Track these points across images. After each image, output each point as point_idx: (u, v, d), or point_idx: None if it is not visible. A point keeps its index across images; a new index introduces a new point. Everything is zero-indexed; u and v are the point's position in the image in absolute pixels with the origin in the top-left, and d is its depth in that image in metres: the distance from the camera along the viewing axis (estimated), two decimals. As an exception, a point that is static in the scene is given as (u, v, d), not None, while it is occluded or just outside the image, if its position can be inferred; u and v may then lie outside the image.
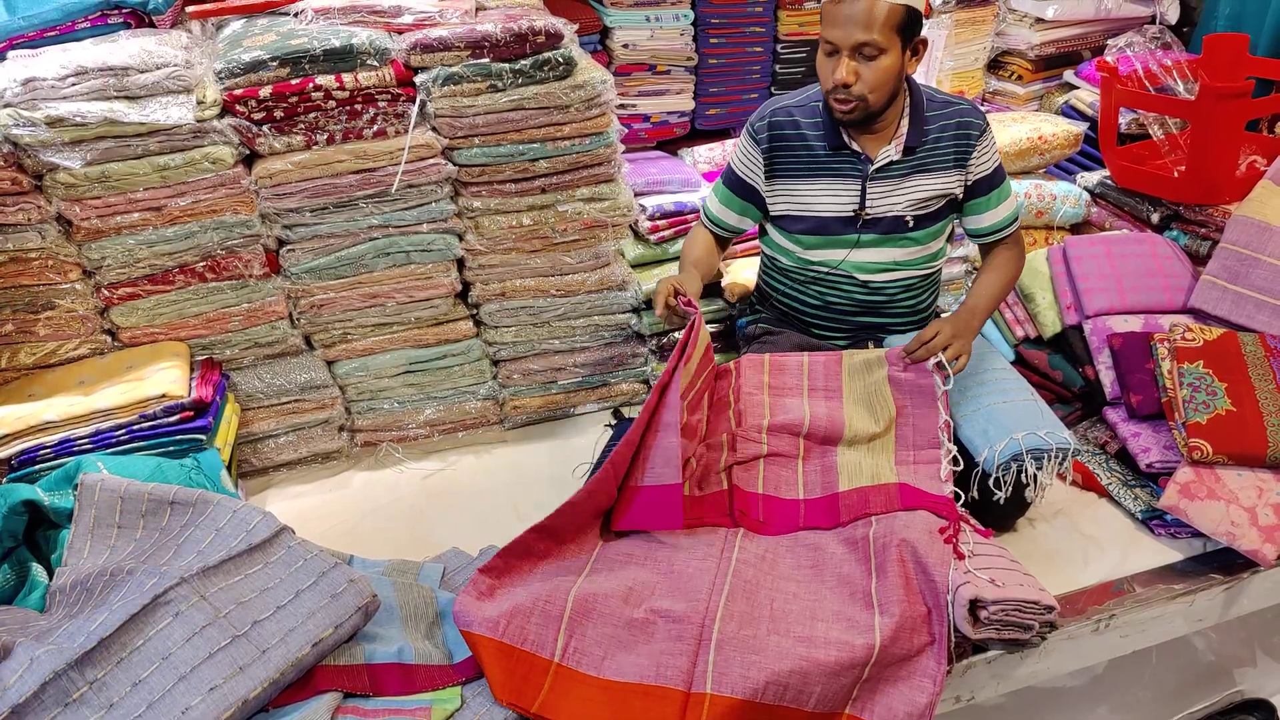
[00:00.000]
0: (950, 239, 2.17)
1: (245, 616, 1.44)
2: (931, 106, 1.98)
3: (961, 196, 2.04)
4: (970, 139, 1.99)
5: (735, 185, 2.10)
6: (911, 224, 2.01)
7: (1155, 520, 1.96)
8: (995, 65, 3.42)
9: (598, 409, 2.48)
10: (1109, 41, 3.21)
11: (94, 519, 1.62)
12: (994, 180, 2.04)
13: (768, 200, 2.07)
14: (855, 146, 1.97)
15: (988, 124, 2.02)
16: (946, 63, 3.22)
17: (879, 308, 2.10)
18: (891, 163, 1.97)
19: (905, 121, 1.96)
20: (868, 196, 1.99)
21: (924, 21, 1.87)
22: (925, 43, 1.90)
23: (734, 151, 2.10)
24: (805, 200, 2.03)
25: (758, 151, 2.03)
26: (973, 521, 1.72)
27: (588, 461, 2.17)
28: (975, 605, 1.53)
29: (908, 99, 1.96)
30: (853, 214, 2.00)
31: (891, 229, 2.01)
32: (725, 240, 2.22)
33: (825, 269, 2.07)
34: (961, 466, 1.79)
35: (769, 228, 2.15)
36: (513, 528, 2.01)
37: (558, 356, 2.41)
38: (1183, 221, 2.56)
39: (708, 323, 2.46)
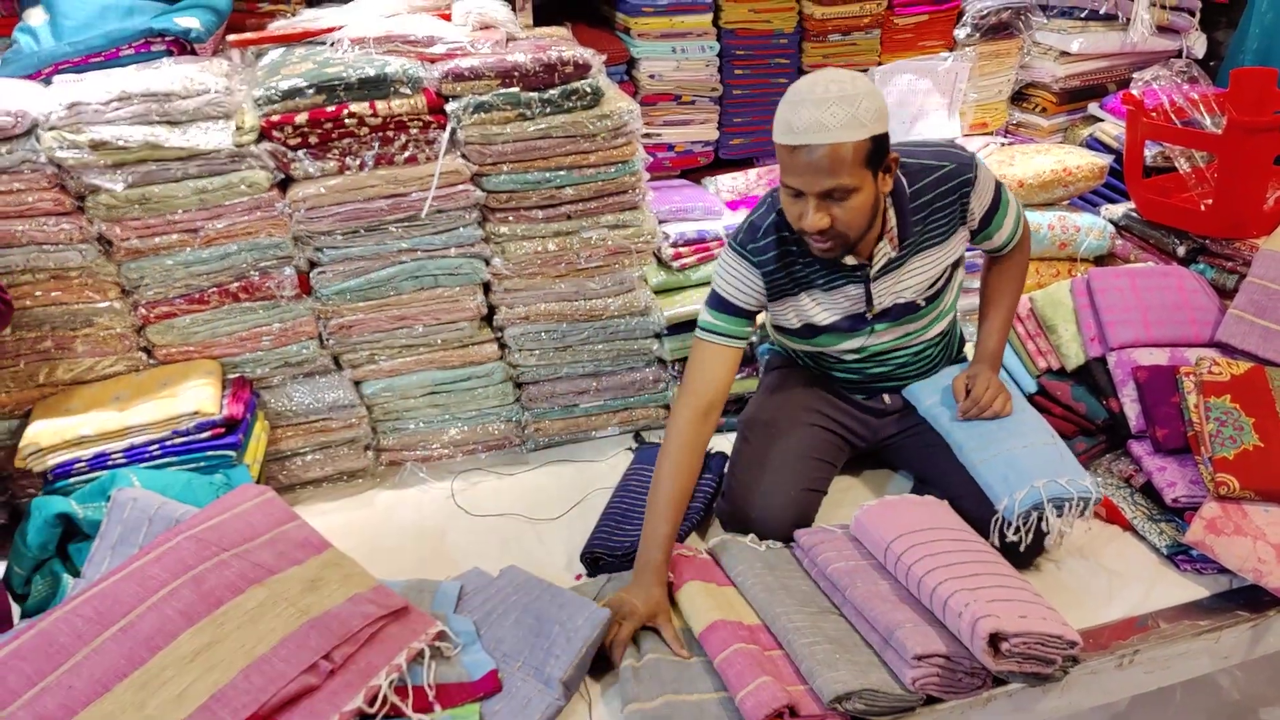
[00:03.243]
0: (959, 281, 2.11)
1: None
2: (914, 182, 1.81)
3: (974, 230, 1.97)
4: (964, 194, 1.84)
5: (732, 308, 1.87)
6: (923, 304, 1.95)
7: (1180, 555, 1.93)
8: (1019, 97, 3.43)
9: (619, 433, 2.50)
10: (1135, 75, 3.21)
11: (119, 537, 1.65)
12: (997, 202, 1.91)
13: (774, 314, 1.96)
14: (850, 261, 1.82)
15: (975, 166, 1.84)
16: (970, 95, 3.24)
17: (893, 374, 2.07)
18: (890, 260, 1.85)
19: (893, 214, 1.81)
20: (874, 296, 1.90)
21: (889, 143, 1.69)
22: (897, 160, 1.73)
23: (722, 278, 1.87)
24: (811, 311, 1.93)
25: (756, 275, 1.84)
26: None
27: (608, 485, 2.19)
28: (996, 638, 1.52)
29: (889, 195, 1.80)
30: (862, 311, 1.92)
31: (903, 313, 1.95)
32: (734, 361, 1.90)
33: (838, 354, 2.03)
34: None
35: (771, 329, 2.10)
36: (533, 549, 2.05)
37: (580, 380, 2.43)
38: (1209, 255, 2.54)
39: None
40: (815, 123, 1.58)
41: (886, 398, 2.09)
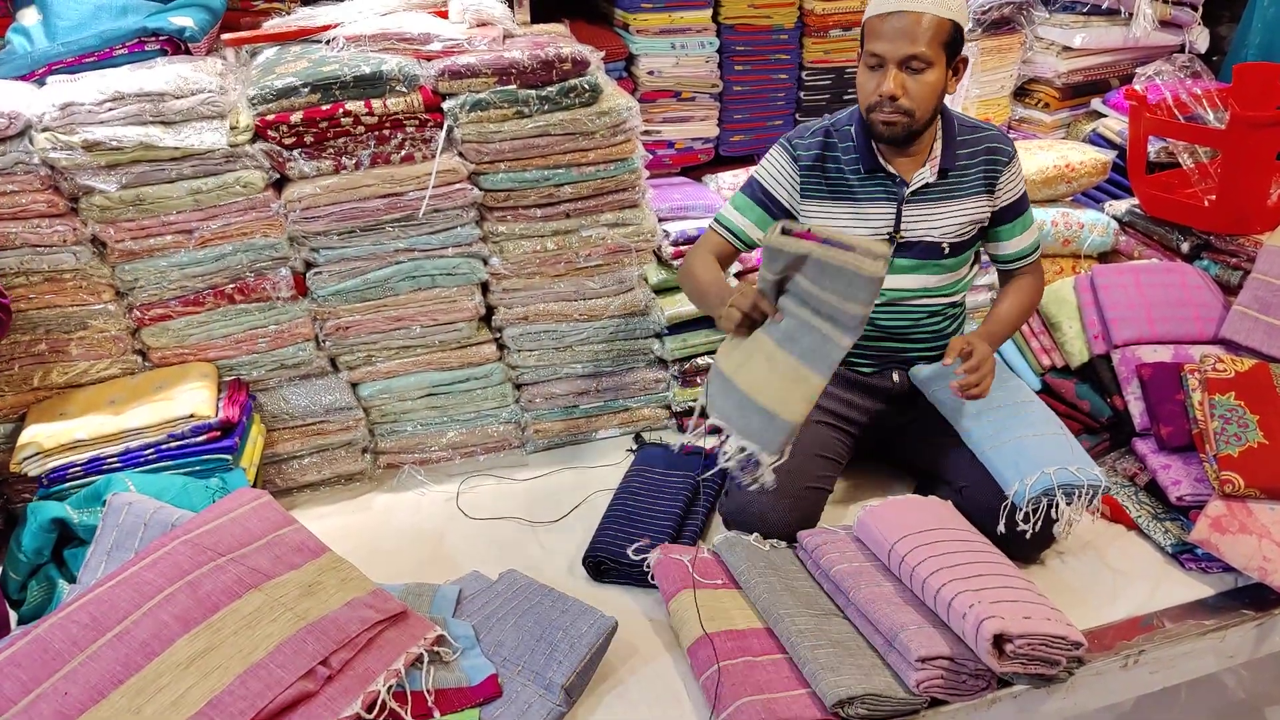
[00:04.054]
0: (976, 262, 2.16)
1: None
2: (962, 130, 2.00)
3: (988, 222, 2.05)
4: (999, 165, 2.00)
5: (762, 197, 2.04)
6: (948, 250, 2.01)
7: (1185, 554, 1.92)
8: (1022, 93, 3.41)
9: (619, 433, 2.48)
10: (1137, 70, 3.19)
11: (114, 542, 1.64)
12: (1019, 207, 2.06)
13: (800, 219, 2.05)
14: (890, 169, 1.97)
15: (1015, 151, 2.03)
16: (973, 90, 3.22)
17: (905, 333, 2.09)
18: (927, 185, 1.97)
19: (938, 144, 1.97)
20: (903, 220, 1.98)
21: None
22: (966, 62, 1.90)
23: (764, 166, 2.05)
24: (838, 223, 2.01)
25: (795, 166, 2.01)
26: None
27: (609, 487, 2.18)
28: (1000, 639, 1.51)
29: (939, 121, 1.97)
30: (887, 236, 2.00)
31: (927, 255, 2.01)
32: (732, 258, 2.13)
33: None
34: None
35: None
36: (533, 553, 2.04)
37: (580, 381, 2.41)
38: (1213, 251, 2.53)
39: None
40: None
41: (895, 375, 2.09)
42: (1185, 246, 2.58)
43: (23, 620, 1.74)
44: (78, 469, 1.87)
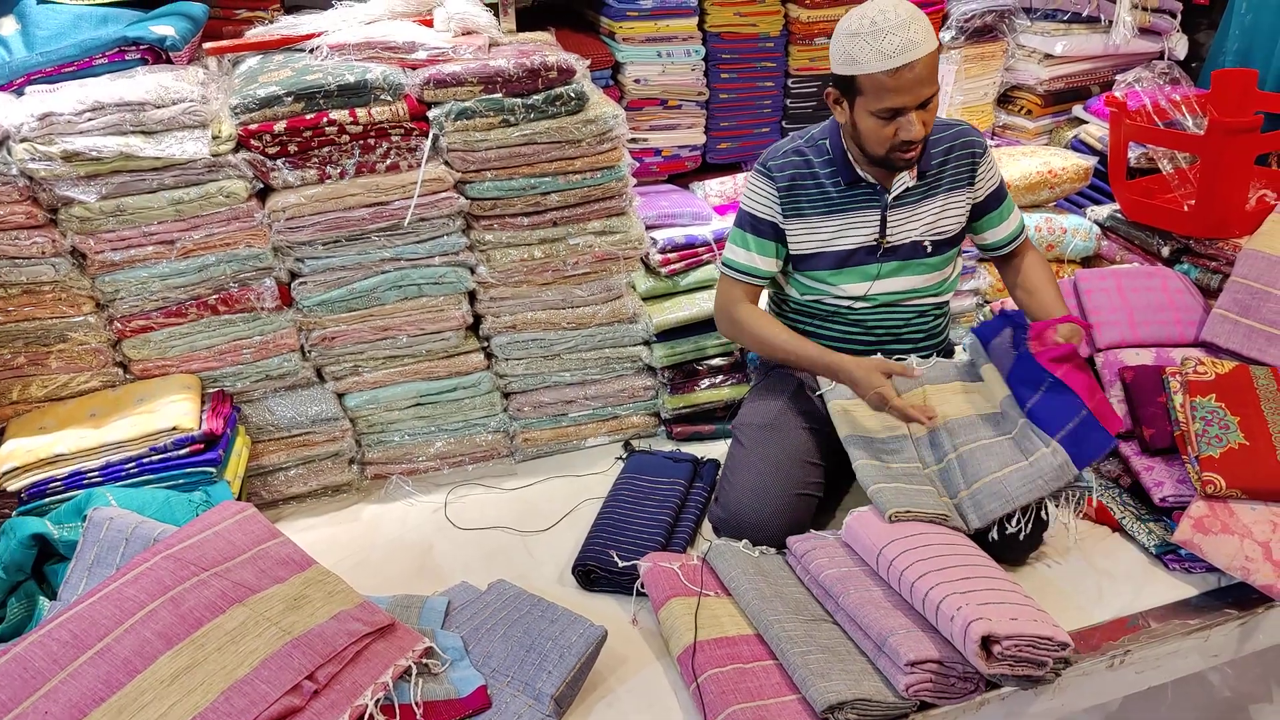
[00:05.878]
0: (960, 255, 2.18)
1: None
2: (934, 132, 2.02)
3: (971, 215, 2.08)
4: (975, 156, 2.04)
5: (760, 227, 2.04)
6: (930, 249, 2.04)
7: (1169, 555, 1.94)
8: (1005, 100, 3.44)
9: (608, 441, 2.48)
10: (1117, 77, 3.22)
11: (95, 557, 1.62)
12: (1000, 194, 2.11)
13: (790, 240, 2.05)
14: (870, 179, 1.99)
15: (987, 142, 2.08)
16: (956, 98, 3.24)
17: (895, 334, 2.10)
18: (908, 189, 2.00)
19: None
20: (888, 225, 2.01)
21: None
22: None
23: (747, 196, 2.05)
24: (825, 237, 2.03)
25: (773, 188, 2.02)
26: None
27: (598, 495, 2.17)
28: (988, 641, 1.52)
29: None
30: (874, 243, 2.02)
31: (910, 255, 2.04)
32: (759, 294, 2.14)
33: (846, 301, 2.07)
34: None
35: (788, 267, 2.14)
36: (523, 562, 2.03)
37: (568, 389, 2.41)
38: (1193, 255, 2.56)
39: (716, 355, 2.47)
40: (907, 42, 1.77)
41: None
42: (1166, 251, 2.61)
43: (2, 638, 1.71)
44: (58, 484, 1.85)
